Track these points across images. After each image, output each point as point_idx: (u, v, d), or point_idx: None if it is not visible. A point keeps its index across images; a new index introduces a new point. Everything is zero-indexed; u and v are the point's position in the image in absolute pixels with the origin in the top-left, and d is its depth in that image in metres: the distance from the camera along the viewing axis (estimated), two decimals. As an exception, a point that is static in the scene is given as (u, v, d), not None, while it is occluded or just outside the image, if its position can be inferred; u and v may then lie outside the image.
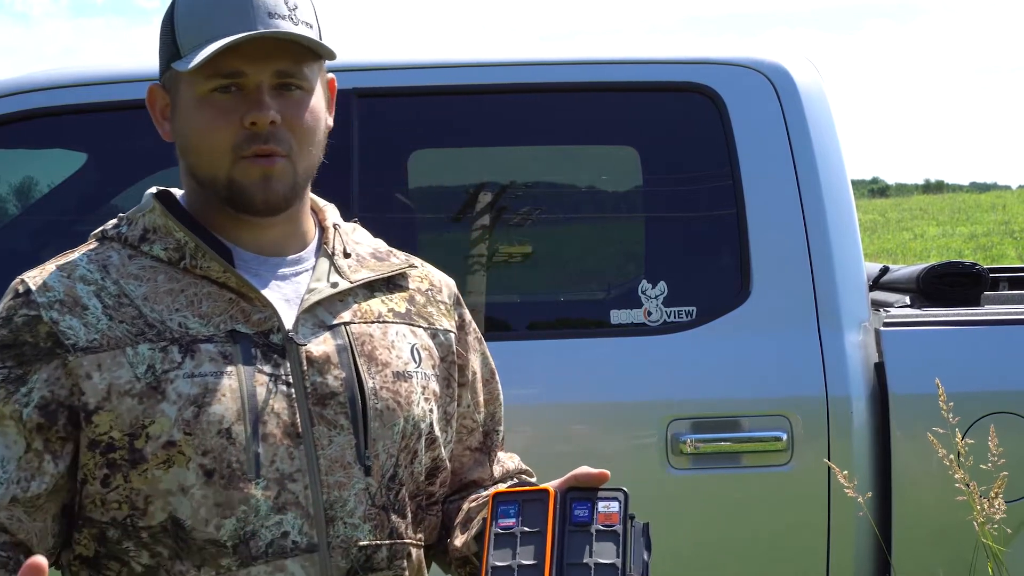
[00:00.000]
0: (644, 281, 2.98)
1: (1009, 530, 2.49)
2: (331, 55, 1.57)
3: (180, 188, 1.68)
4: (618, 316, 2.97)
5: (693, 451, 2.83)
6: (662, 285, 2.96)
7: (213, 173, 1.56)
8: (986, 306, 3.27)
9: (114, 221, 1.65)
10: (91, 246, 1.63)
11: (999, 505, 2.35)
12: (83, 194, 3.36)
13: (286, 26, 1.53)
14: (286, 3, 1.54)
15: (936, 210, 31.38)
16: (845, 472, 2.52)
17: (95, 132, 3.21)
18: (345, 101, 2.61)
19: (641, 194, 3.28)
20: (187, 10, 1.56)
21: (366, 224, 1.80)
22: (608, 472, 1.49)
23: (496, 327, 3.01)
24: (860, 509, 2.67)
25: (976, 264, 3.32)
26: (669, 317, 2.95)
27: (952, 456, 2.41)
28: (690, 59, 3.09)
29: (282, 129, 1.54)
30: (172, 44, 1.56)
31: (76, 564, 1.58)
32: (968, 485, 2.38)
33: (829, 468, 2.74)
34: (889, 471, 2.85)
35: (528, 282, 3.28)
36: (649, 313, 2.95)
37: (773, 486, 2.88)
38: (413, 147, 3.21)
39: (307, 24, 1.56)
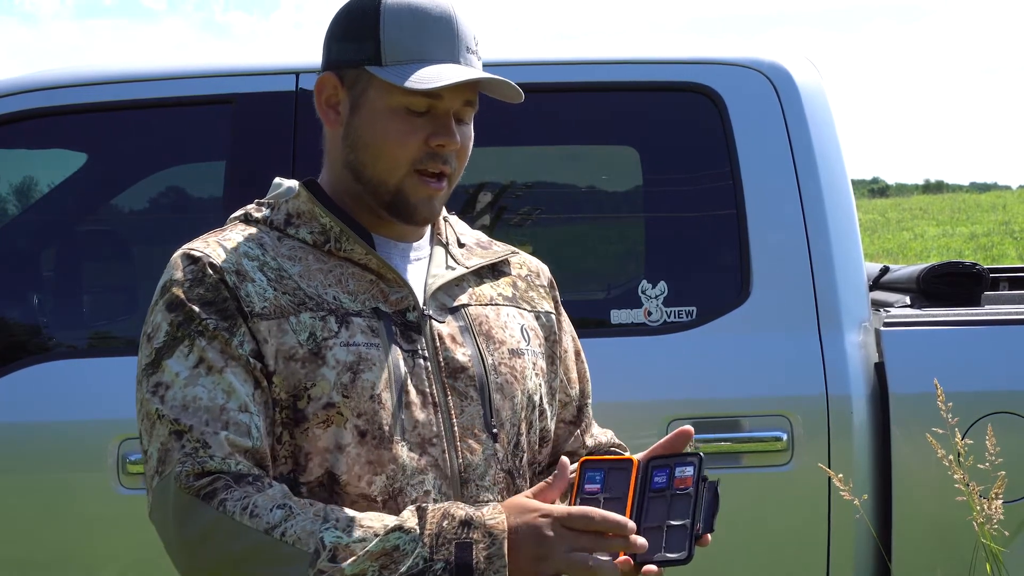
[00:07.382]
0: (644, 281, 2.98)
1: (1007, 533, 2.48)
2: (520, 98, 1.70)
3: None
4: (618, 316, 2.97)
5: (694, 451, 2.83)
6: (662, 285, 2.96)
7: (384, 179, 1.68)
8: (986, 306, 3.27)
9: (252, 206, 1.74)
10: (238, 227, 1.72)
11: (996, 507, 2.34)
12: (83, 194, 3.36)
13: (474, 61, 1.69)
14: (474, 37, 1.69)
15: (936, 210, 31.39)
16: (840, 475, 2.51)
17: (95, 132, 3.21)
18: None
19: (641, 194, 3.28)
20: (397, 22, 1.65)
21: None
22: (691, 429, 1.69)
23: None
24: (857, 512, 2.67)
25: (976, 264, 3.31)
26: (669, 317, 2.95)
27: (952, 457, 2.40)
28: (690, 59, 3.09)
29: (453, 153, 1.69)
30: (373, 48, 1.65)
31: None
32: (968, 485, 2.38)
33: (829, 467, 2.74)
34: (889, 471, 2.85)
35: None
36: (649, 313, 2.95)
37: (773, 486, 2.88)
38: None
39: (479, 57, 1.70)
